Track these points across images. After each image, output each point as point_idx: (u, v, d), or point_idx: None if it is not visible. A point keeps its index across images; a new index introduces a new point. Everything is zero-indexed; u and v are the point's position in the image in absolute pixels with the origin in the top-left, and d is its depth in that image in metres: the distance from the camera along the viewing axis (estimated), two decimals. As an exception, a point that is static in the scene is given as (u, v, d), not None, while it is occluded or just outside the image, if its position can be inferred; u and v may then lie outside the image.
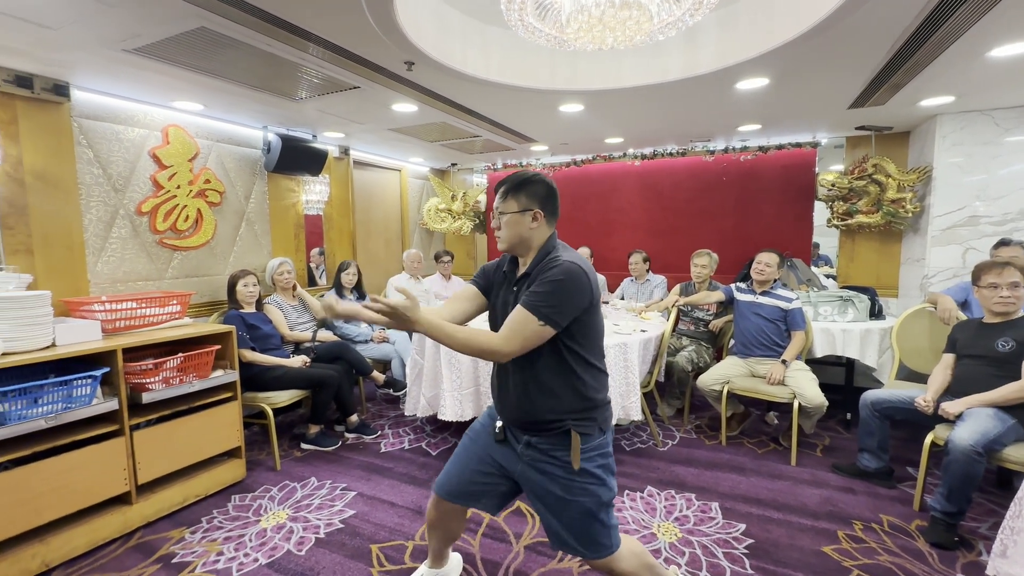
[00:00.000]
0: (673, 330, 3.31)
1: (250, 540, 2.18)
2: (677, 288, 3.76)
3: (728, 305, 3.48)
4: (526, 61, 2.66)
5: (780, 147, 4.19)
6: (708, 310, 3.64)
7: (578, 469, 1.37)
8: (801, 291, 3.56)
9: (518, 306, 1.32)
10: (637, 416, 2.73)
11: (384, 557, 2.05)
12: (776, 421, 3.44)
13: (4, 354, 1.93)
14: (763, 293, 3.12)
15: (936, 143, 3.42)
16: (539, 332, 1.30)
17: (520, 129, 3.78)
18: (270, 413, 2.86)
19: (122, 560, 2.06)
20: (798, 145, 4.13)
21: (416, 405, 2.97)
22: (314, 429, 3.14)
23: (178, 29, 1.90)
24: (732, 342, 3.36)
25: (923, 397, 2.32)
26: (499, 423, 1.52)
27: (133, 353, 2.32)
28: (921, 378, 2.90)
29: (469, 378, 2.73)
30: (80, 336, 2.19)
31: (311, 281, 4.20)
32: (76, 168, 2.62)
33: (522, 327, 1.30)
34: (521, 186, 1.45)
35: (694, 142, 4.35)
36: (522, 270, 1.46)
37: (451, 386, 2.73)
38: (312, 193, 3.96)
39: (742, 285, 3.29)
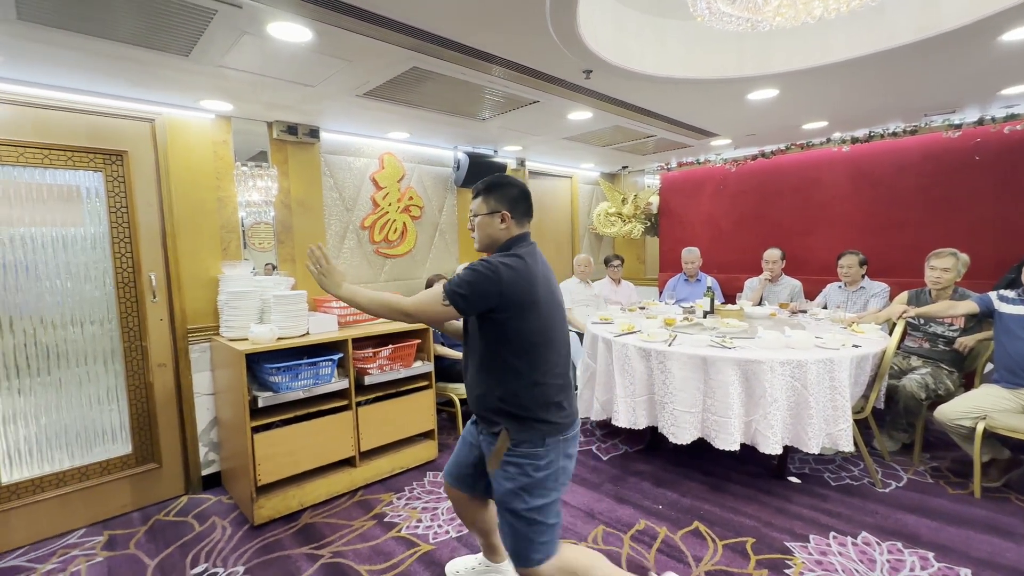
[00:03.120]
0: (898, 347, 2.72)
1: (442, 514, 2.46)
2: (903, 296, 3.08)
3: (984, 319, 2.73)
4: (710, 51, 2.48)
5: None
6: (952, 324, 2.90)
7: (494, 472, 1.46)
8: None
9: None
10: (847, 447, 2.31)
11: (558, 553, 2.12)
12: (1066, 477, 2.57)
13: (279, 339, 2.53)
14: (1045, 304, 2.37)
15: None
16: (442, 310, 1.38)
17: (700, 124, 3.54)
18: (457, 402, 3.19)
19: (349, 511, 2.52)
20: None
21: (589, 408, 3.00)
22: (493, 421, 3.40)
23: (396, 72, 2.26)
24: (990, 366, 2.61)
25: None
26: None
27: (358, 343, 2.82)
28: None
29: (643, 385, 2.65)
30: (324, 327, 2.75)
31: (490, 284, 4.56)
32: (322, 194, 3.30)
33: (430, 298, 1.41)
34: (491, 189, 1.51)
35: (930, 116, 3.51)
36: None
37: (624, 392, 2.68)
38: (492, 204, 4.30)
39: (1008, 294, 2.55)
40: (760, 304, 3.89)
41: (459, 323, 1.66)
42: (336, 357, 2.60)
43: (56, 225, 2.39)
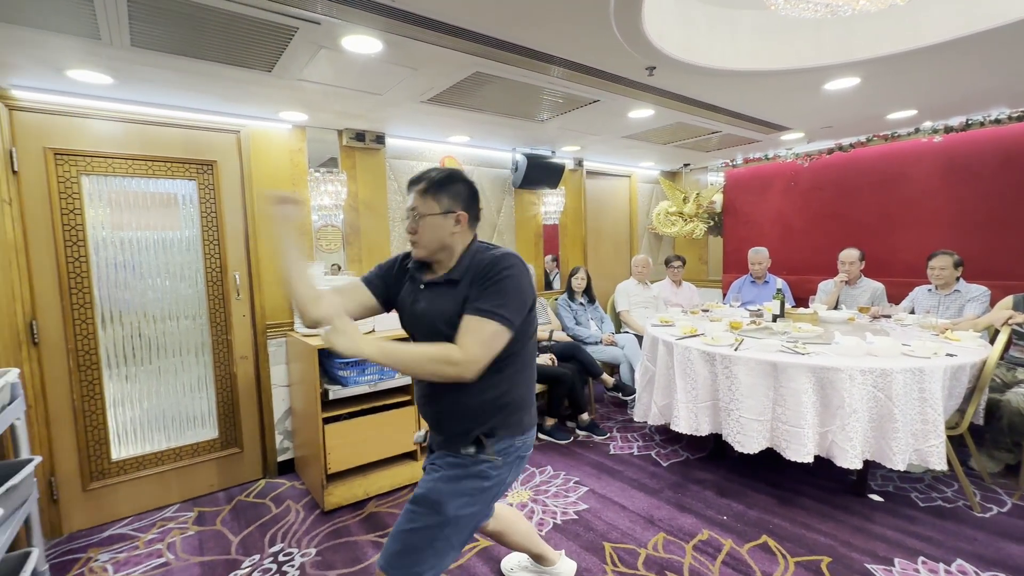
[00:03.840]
0: (1001, 357, 2.46)
1: (500, 511, 2.49)
2: (1008, 301, 2.78)
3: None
4: (783, 41, 2.35)
5: None
6: (1068, 333, 2.58)
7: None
8: None
9: (474, 316, 1.22)
10: (939, 465, 2.11)
11: (617, 558, 2.09)
12: None
13: (347, 335, 2.66)
14: None
15: None
16: (505, 340, 1.25)
17: (770, 118, 3.36)
18: (514, 402, 3.22)
19: (411, 503, 2.61)
20: None
21: (647, 412, 2.93)
22: (550, 421, 3.41)
23: (459, 77, 2.32)
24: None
25: None
26: None
27: (420, 340, 2.92)
28: None
29: (706, 390, 2.55)
30: (389, 325, 2.87)
31: (547, 285, 4.57)
32: (387, 197, 3.44)
33: (489, 337, 1.22)
34: (443, 185, 1.31)
35: (1042, 100, 3.14)
36: (441, 273, 1.35)
37: (685, 397, 2.60)
38: (550, 205, 4.31)
39: None
40: (836, 308, 3.64)
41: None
42: (400, 354, 2.71)
43: (157, 229, 2.65)
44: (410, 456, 2.84)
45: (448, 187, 1.32)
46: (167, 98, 2.47)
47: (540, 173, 4.00)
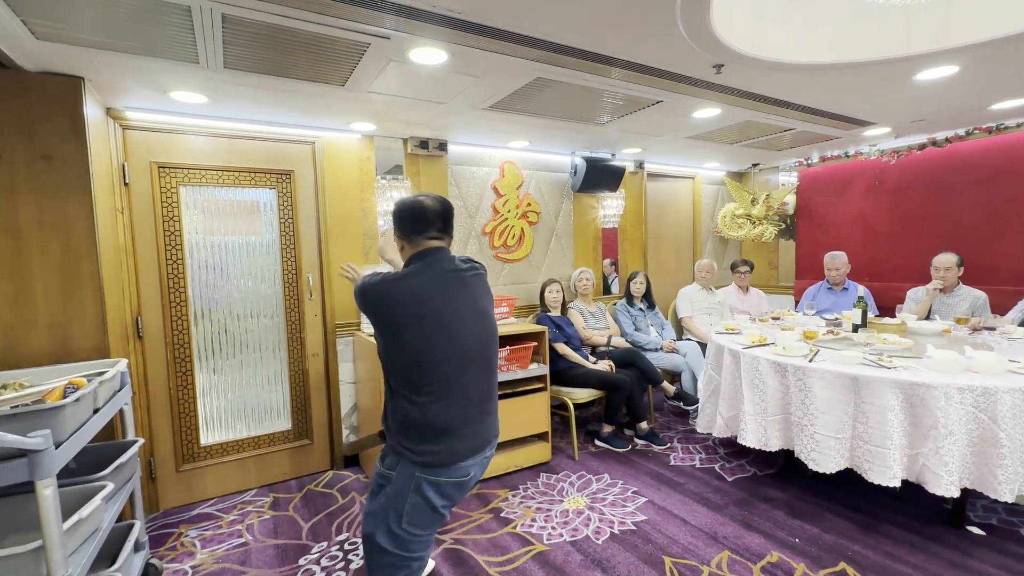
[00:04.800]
0: None
1: (555, 516, 2.48)
2: None
3: None
4: (868, 30, 2.19)
5: None
6: None
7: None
8: None
9: None
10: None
11: (678, 573, 2.01)
12: None
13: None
14: None
15: None
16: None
17: (851, 113, 3.13)
18: (571, 406, 3.19)
19: (468, 502, 2.66)
20: None
21: (711, 423, 2.81)
22: (608, 429, 3.35)
23: (520, 83, 2.35)
24: None
25: None
26: None
27: (478, 343, 2.96)
28: None
29: (776, 403, 2.41)
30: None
31: (605, 290, 4.50)
32: (448, 202, 3.54)
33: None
34: (392, 219, 1.56)
35: None
36: None
37: (754, 409, 2.47)
38: (610, 208, 4.25)
39: None
40: (928, 318, 3.32)
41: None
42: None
43: (241, 234, 2.88)
44: (467, 456, 2.89)
45: (393, 219, 1.57)
46: (252, 113, 2.69)
47: (599, 176, 3.95)
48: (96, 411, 1.64)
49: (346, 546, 2.29)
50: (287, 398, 3.05)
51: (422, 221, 1.49)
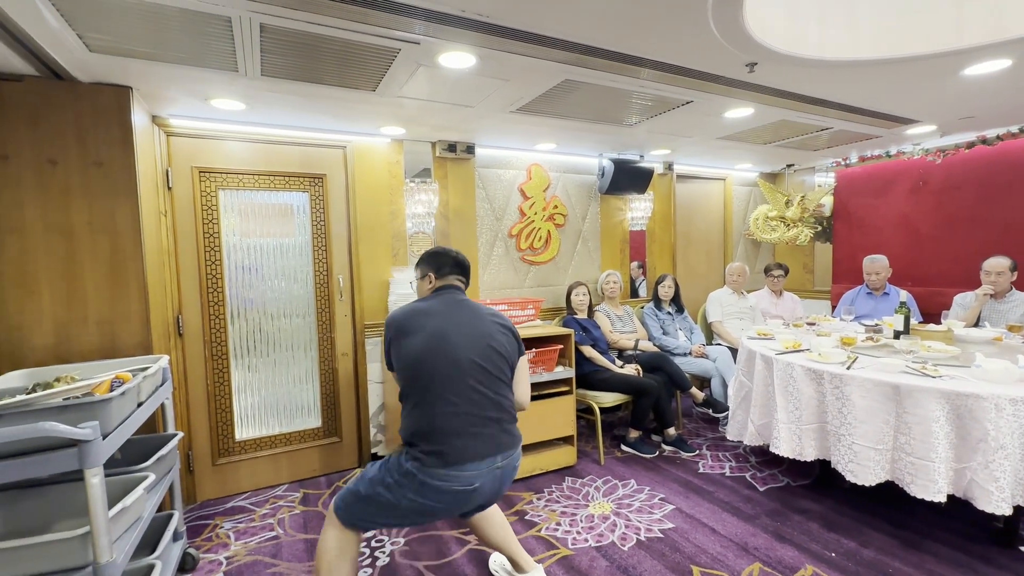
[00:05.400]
0: None
1: (580, 520, 2.46)
2: None
3: None
4: (913, 22, 2.10)
5: None
6: None
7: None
8: None
9: None
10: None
11: (707, 583, 1.97)
12: None
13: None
14: None
15: None
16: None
17: (893, 111, 3.00)
18: (597, 410, 3.16)
19: (493, 504, 2.66)
20: None
21: (742, 431, 2.74)
22: (634, 434, 3.30)
23: (548, 86, 2.35)
24: None
25: None
26: None
27: (504, 345, 2.97)
28: None
29: (812, 412, 2.33)
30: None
31: (633, 293, 4.45)
32: (475, 205, 3.56)
33: None
34: (418, 263, 1.86)
35: None
36: None
37: (787, 417, 2.39)
38: (637, 210, 4.20)
39: None
40: (977, 325, 3.15)
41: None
42: (485, 357, 2.78)
43: (275, 236, 2.97)
44: (493, 458, 2.90)
45: (419, 263, 1.86)
46: (287, 119, 2.77)
47: (628, 178, 3.91)
48: (140, 405, 1.72)
49: (372, 543, 2.33)
50: (317, 396, 3.12)
51: (444, 257, 1.83)
